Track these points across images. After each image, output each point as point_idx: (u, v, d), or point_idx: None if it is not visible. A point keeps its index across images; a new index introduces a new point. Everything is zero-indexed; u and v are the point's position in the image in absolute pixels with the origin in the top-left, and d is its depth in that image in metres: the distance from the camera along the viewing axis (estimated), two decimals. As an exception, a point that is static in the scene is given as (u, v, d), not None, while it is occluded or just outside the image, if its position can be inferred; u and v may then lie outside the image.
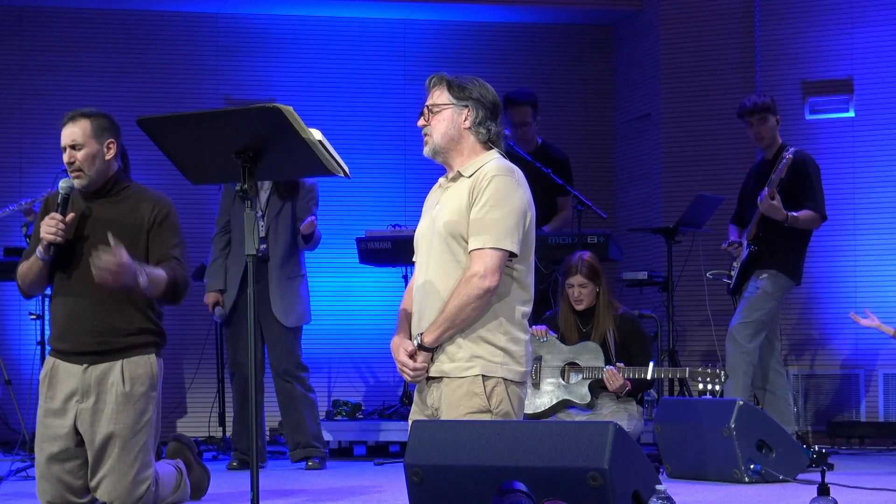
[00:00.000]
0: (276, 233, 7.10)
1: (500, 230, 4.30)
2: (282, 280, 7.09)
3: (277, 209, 7.12)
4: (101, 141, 5.11)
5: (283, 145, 4.25)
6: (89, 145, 5.09)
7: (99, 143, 5.11)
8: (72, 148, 5.09)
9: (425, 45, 9.63)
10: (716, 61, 9.11)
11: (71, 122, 5.13)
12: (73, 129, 5.11)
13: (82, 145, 5.09)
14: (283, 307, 7.07)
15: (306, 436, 7.14)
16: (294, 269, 7.16)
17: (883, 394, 8.55)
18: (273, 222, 7.11)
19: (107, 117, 5.17)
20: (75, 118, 5.13)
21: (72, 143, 5.09)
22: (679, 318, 8.60)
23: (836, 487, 4.94)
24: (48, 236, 4.98)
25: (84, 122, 5.11)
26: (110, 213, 5.12)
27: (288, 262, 7.12)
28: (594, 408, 6.81)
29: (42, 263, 5.05)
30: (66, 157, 5.10)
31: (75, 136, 5.09)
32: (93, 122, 5.12)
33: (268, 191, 7.13)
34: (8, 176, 9.14)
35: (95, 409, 5.05)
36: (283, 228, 7.11)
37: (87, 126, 5.10)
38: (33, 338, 8.07)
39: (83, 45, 9.26)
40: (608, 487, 3.88)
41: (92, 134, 5.10)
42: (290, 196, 7.13)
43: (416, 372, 4.37)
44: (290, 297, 7.11)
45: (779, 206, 7.16)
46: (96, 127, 5.11)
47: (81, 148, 5.08)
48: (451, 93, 4.43)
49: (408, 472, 4.21)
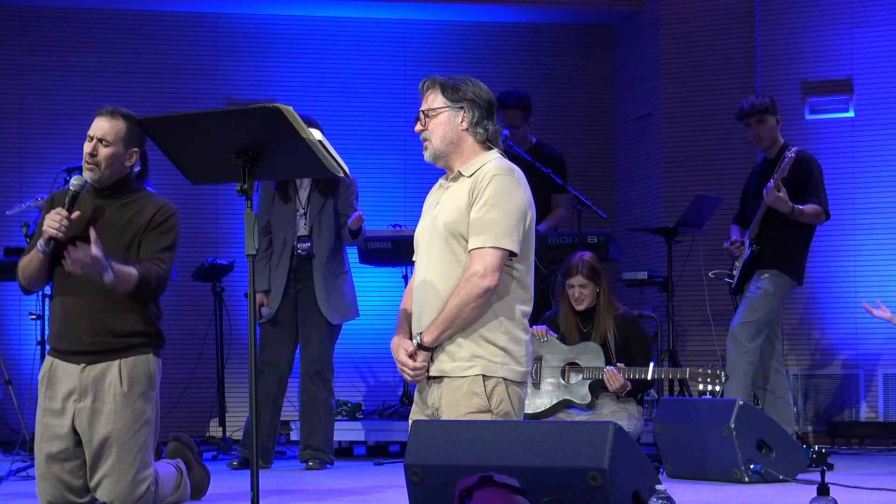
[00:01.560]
0: (320, 230, 7.06)
1: (500, 229, 4.29)
2: (328, 277, 7.04)
3: (319, 206, 7.08)
4: (128, 147, 5.09)
5: (283, 145, 4.25)
6: (116, 146, 5.06)
7: (125, 148, 5.08)
8: (98, 141, 5.06)
9: (425, 45, 9.62)
10: (716, 61, 9.11)
11: (109, 116, 5.08)
12: (108, 124, 5.06)
13: (110, 143, 5.05)
14: (328, 305, 7.02)
15: (319, 441, 7.12)
16: (339, 265, 7.12)
17: (883, 394, 8.55)
18: (316, 220, 7.07)
19: (139, 126, 5.08)
20: (114, 115, 5.09)
21: (101, 136, 5.05)
22: (679, 318, 8.60)
23: (836, 487, 4.94)
24: (50, 230, 4.97)
25: (120, 123, 5.07)
26: (115, 215, 5.10)
27: (333, 260, 7.08)
28: (594, 408, 6.81)
29: (42, 256, 5.03)
30: (89, 148, 5.06)
31: (106, 132, 5.05)
32: (128, 125, 5.07)
33: (308, 188, 7.10)
34: (8, 176, 9.14)
35: (93, 408, 5.04)
36: (327, 225, 7.07)
37: (121, 127, 5.07)
38: (33, 338, 8.06)
39: (83, 45, 9.26)
40: (608, 487, 3.88)
41: (123, 136, 5.07)
42: (330, 192, 7.08)
43: (416, 372, 4.37)
44: (335, 295, 7.06)
45: (785, 199, 7.14)
46: (129, 132, 5.07)
47: (108, 145, 5.05)
48: (445, 95, 4.42)
49: (408, 472, 4.21)
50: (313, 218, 7.07)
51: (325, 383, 7.12)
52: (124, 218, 5.10)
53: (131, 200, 5.15)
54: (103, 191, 5.13)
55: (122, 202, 5.14)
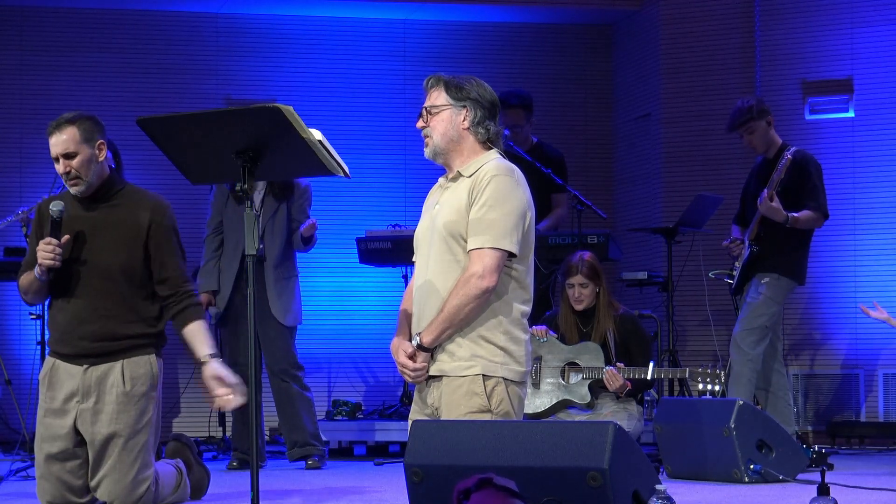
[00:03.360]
0: (273, 234, 7.11)
1: (499, 230, 4.30)
2: (278, 280, 7.10)
3: (273, 210, 7.13)
4: (93, 144, 5.04)
5: (283, 145, 4.25)
6: (82, 151, 5.01)
7: (91, 147, 5.03)
8: (65, 157, 4.99)
9: (425, 45, 9.63)
10: (716, 61, 9.11)
11: (57, 130, 5.01)
12: (62, 137, 5.00)
13: (75, 153, 5.00)
14: (280, 307, 7.08)
15: (304, 434, 7.15)
16: (289, 269, 7.19)
17: (883, 394, 8.55)
18: (269, 223, 7.12)
19: (91, 118, 5.08)
20: (61, 126, 5.01)
21: (64, 151, 4.99)
22: (679, 318, 8.60)
23: (836, 487, 4.93)
24: (46, 262, 4.94)
25: (71, 129, 5.00)
26: (108, 219, 5.09)
27: (283, 263, 7.14)
28: (594, 408, 6.81)
29: (40, 283, 5.03)
30: (61, 168, 5.01)
31: (67, 145, 4.99)
32: (80, 126, 5.02)
33: (262, 192, 7.14)
34: (8, 176, 9.14)
35: (96, 409, 5.04)
36: (279, 229, 7.12)
37: (75, 132, 5.00)
38: (33, 338, 8.06)
39: (83, 45, 9.25)
40: (608, 487, 3.88)
41: (82, 139, 5.01)
42: (284, 197, 7.14)
43: (417, 373, 4.37)
44: (286, 297, 7.12)
45: (778, 208, 7.15)
46: (84, 131, 5.02)
47: (75, 156, 5.00)
48: (448, 93, 4.43)
49: (408, 472, 4.21)
50: (266, 221, 7.11)
51: (294, 378, 7.16)
52: (118, 220, 5.08)
53: (121, 201, 5.12)
54: (90, 198, 5.09)
55: (111, 204, 5.11)
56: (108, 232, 5.05)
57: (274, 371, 7.18)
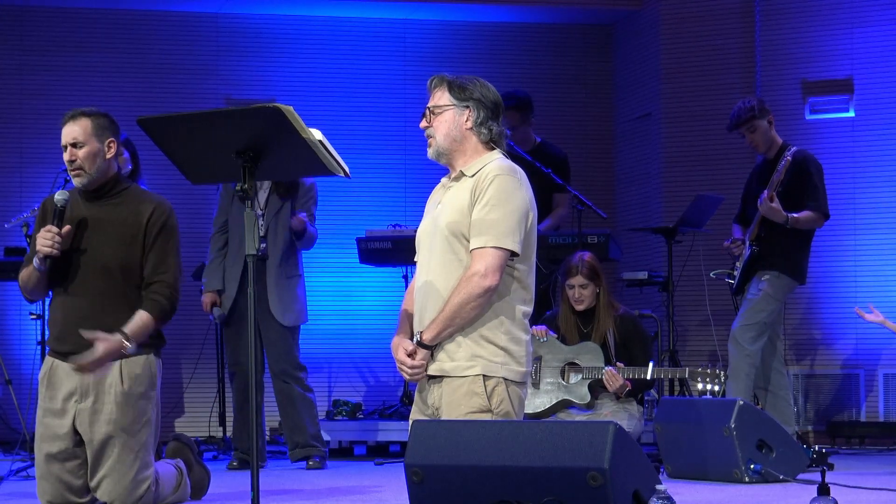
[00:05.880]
0: (276, 232, 7.10)
1: (501, 229, 4.30)
2: (280, 279, 7.09)
3: (277, 208, 7.12)
4: (102, 140, 5.11)
5: (283, 145, 4.25)
6: (90, 144, 5.09)
7: (100, 142, 5.11)
8: (73, 146, 5.08)
9: (425, 45, 9.62)
10: (716, 61, 9.11)
11: (71, 120, 5.12)
12: (74, 127, 5.10)
13: (83, 143, 5.08)
14: (280, 307, 7.08)
15: (305, 435, 7.15)
16: (292, 268, 7.16)
17: (883, 394, 8.55)
18: (272, 222, 7.11)
19: (107, 116, 5.18)
20: (76, 117, 5.12)
21: (73, 141, 5.08)
22: (679, 318, 8.60)
23: (836, 487, 4.93)
24: (44, 249, 4.97)
25: (85, 121, 5.11)
26: (109, 216, 5.11)
27: (286, 262, 7.13)
28: (594, 408, 6.81)
29: (39, 273, 5.05)
30: (67, 156, 5.10)
31: (76, 135, 5.08)
32: (93, 120, 5.11)
33: (267, 190, 7.13)
34: (8, 176, 9.14)
35: (94, 409, 5.05)
36: (283, 228, 7.11)
37: (87, 125, 5.10)
38: (33, 338, 8.07)
39: (83, 45, 9.26)
40: (608, 487, 3.88)
41: (93, 132, 5.10)
42: (289, 195, 7.13)
43: (415, 370, 4.37)
44: (287, 297, 7.11)
45: (778, 209, 7.15)
46: (97, 125, 5.11)
47: (82, 146, 5.08)
48: (452, 94, 4.44)
49: (408, 472, 4.21)
50: (269, 220, 7.10)
51: (295, 380, 7.15)
52: (120, 217, 5.11)
53: (123, 199, 5.16)
54: (94, 193, 5.14)
55: (114, 202, 5.15)
56: (109, 228, 5.07)
57: (275, 372, 7.18)
